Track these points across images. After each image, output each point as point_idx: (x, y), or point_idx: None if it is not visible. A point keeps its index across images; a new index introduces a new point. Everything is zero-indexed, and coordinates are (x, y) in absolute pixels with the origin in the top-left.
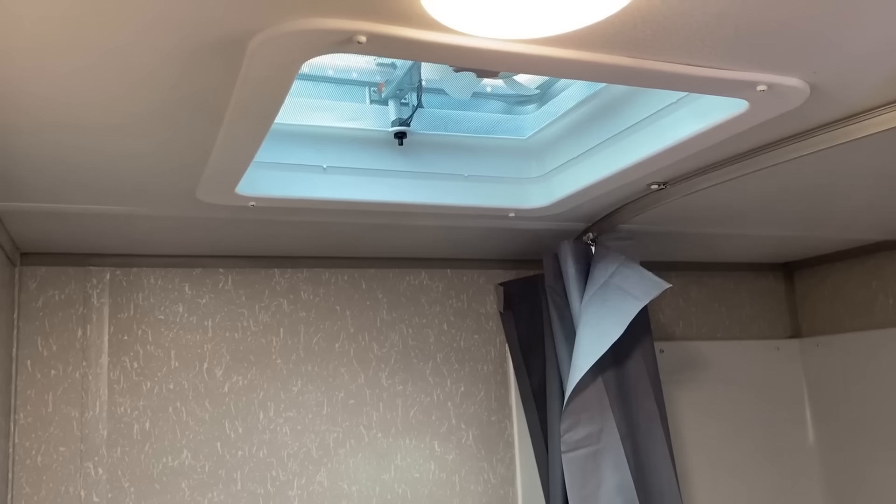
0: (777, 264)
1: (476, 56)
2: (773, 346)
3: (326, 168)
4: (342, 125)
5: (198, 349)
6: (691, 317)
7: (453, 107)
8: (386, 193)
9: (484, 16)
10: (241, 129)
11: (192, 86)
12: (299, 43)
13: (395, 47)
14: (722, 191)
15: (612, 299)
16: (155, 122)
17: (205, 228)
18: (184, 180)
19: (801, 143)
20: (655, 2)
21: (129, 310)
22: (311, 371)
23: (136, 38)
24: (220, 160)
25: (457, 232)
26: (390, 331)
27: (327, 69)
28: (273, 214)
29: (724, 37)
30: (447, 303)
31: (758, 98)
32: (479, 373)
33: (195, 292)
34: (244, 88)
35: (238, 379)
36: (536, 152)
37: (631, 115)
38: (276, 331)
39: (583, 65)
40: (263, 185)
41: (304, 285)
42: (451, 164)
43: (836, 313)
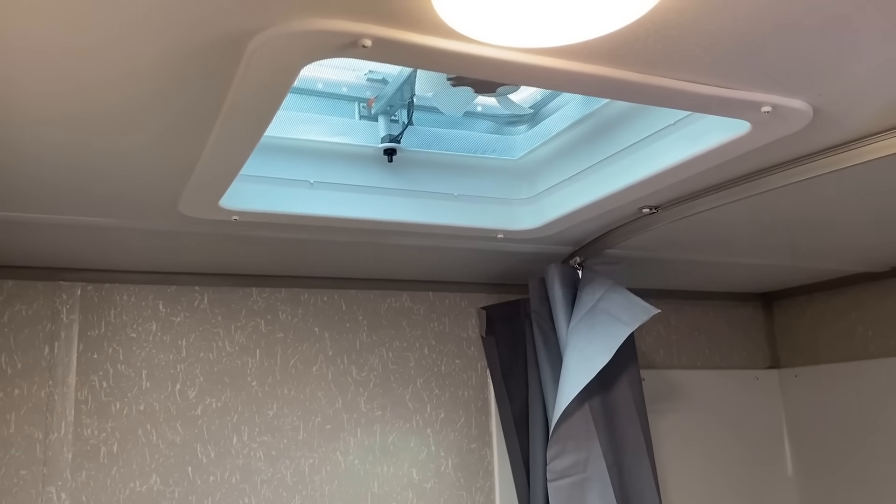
0: (756, 294)
1: (485, 66)
2: (752, 375)
3: (313, 183)
4: (330, 140)
5: (170, 369)
6: (672, 345)
7: (444, 125)
8: (374, 211)
9: (499, 23)
10: (233, 136)
11: (183, 86)
12: (301, 45)
13: (401, 53)
14: (711, 217)
15: (600, 324)
16: (139, 125)
17: (183, 244)
18: (166, 191)
19: (796, 168)
20: (671, 14)
21: (100, 327)
22: (288, 394)
23: (127, 30)
24: (207, 169)
25: (443, 253)
26: (370, 354)
27: (316, 82)
28: (256, 230)
29: (735, 55)
30: (428, 326)
31: (761, 120)
32: (460, 398)
33: (169, 310)
34: (240, 91)
35: (211, 401)
36: (527, 173)
37: (624, 138)
38: (252, 352)
39: (591, 79)
40: (247, 198)
41: (282, 305)
42: (441, 182)
43: (815, 344)
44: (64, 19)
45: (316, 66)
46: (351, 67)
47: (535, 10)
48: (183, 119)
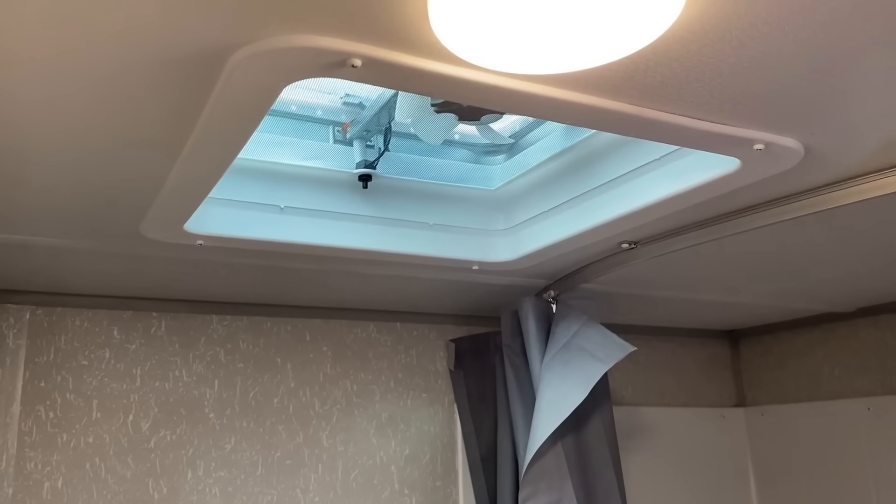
0: (722, 331)
1: (479, 92)
2: (719, 413)
3: (283, 208)
4: (302, 164)
5: (123, 399)
6: (640, 382)
7: (420, 152)
8: (346, 238)
9: (500, 48)
10: (204, 157)
11: (155, 102)
12: (286, 62)
13: (392, 75)
14: (688, 254)
15: (575, 361)
16: (103, 141)
17: (143, 268)
18: (128, 212)
19: (781, 208)
20: (675, 46)
21: (49, 353)
22: (247, 427)
23: (96, 40)
24: (174, 191)
25: (415, 283)
26: (334, 387)
27: (290, 104)
28: (221, 255)
29: (733, 91)
30: (395, 358)
31: (752, 157)
32: (426, 434)
33: (124, 337)
34: (215, 109)
35: (166, 433)
36: (504, 204)
37: (606, 172)
38: (210, 382)
39: (586, 109)
40: (214, 222)
41: (243, 334)
42: (416, 211)
43: (781, 383)
44: (22, 28)
45: (290, 87)
46: (327, 90)
47: (539, 36)
48: (152, 136)
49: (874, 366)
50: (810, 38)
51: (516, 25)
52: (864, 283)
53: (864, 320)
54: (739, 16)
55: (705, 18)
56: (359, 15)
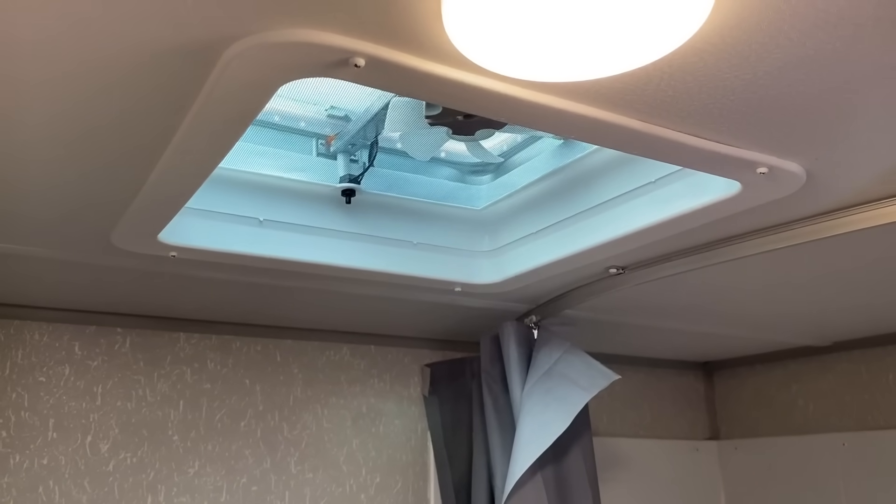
0: (697, 363)
1: (487, 99)
2: (693, 446)
3: (263, 221)
4: (284, 175)
5: (82, 419)
6: (615, 412)
7: (406, 169)
8: (327, 255)
9: (516, 53)
10: (187, 161)
11: (138, 98)
12: (284, 59)
13: (397, 78)
14: (671, 281)
15: (557, 389)
16: (80, 140)
17: (110, 280)
18: (100, 219)
19: (776, 235)
20: (692, 58)
21: (5, 368)
22: (212, 451)
23: (72, 26)
24: (152, 196)
25: (395, 304)
26: (304, 411)
27: (273, 114)
28: (195, 269)
29: (744, 109)
30: (368, 382)
31: (753, 181)
32: (397, 462)
33: (86, 353)
34: (205, 108)
35: (126, 456)
36: (490, 225)
37: (597, 195)
38: (175, 403)
39: (594, 123)
40: (189, 233)
41: (211, 353)
42: (400, 229)
43: (756, 416)
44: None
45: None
46: (311, 101)
47: (558, 41)
48: (132, 136)
49: (850, 401)
50: (830, 54)
51: (535, 30)
52: (840, 316)
53: (840, 354)
54: (762, 28)
55: (727, 30)
56: (365, 11)
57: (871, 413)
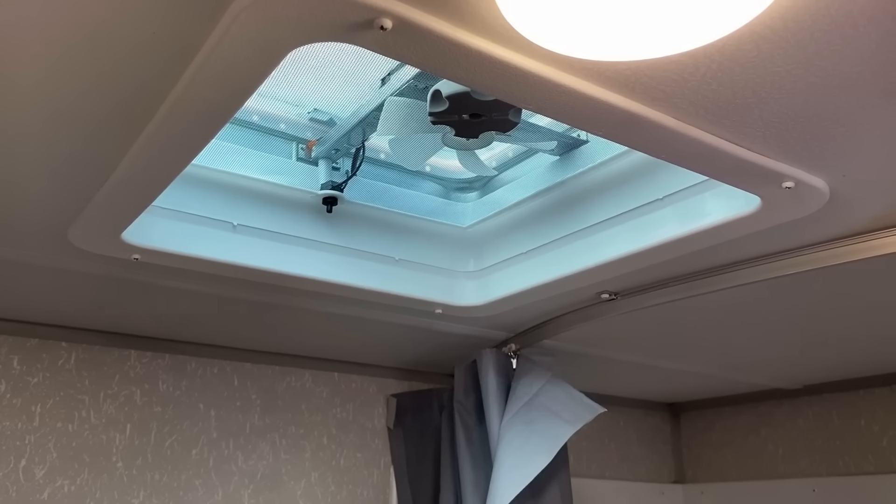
0: (664, 404)
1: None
2: (658, 489)
3: (236, 226)
4: (262, 178)
5: (16, 440)
6: (582, 452)
7: (390, 181)
8: (304, 266)
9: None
10: (166, 143)
11: (117, 59)
12: (299, 14)
13: (426, 47)
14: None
15: (539, 421)
16: (39, 114)
17: (63, 285)
18: (56, 213)
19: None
20: (745, 45)
21: None
22: (159, 480)
23: None
24: (117, 187)
25: (366, 325)
26: (261, 440)
27: (252, 113)
28: (158, 276)
29: (785, 110)
30: (330, 412)
31: (776, 196)
32: (358, 498)
33: (25, 368)
34: (200, 75)
35: (63, 483)
36: (475, 244)
37: (592, 215)
38: (121, 426)
39: (628, 117)
40: (155, 235)
41: (163, 374)
42: (382, 243)
43: (723, 460)
44: None
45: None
46: (293, 101)
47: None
48: (104, 107)
49: (820, 445)
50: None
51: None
52: (811, 358)
53: (811, 398)
54: (831, 13)
55: (793, 12)
56: None
57: (843, 458)
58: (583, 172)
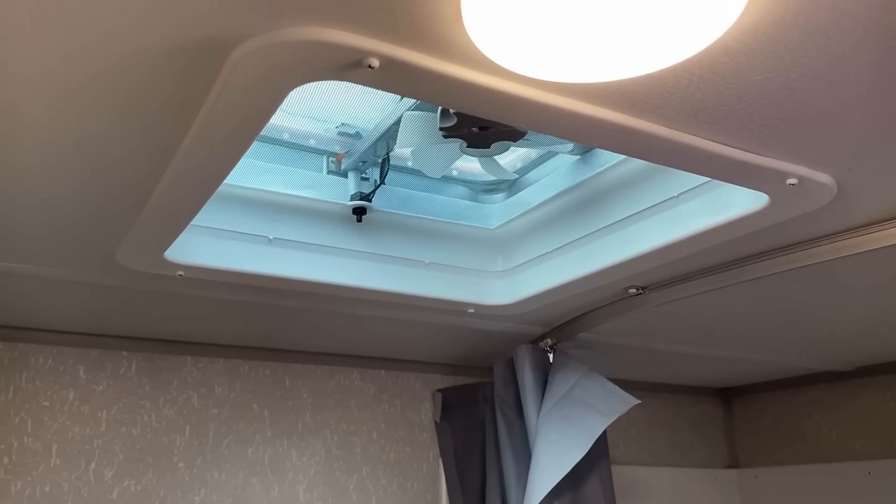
0: (715, 389)
1: (507, 103)
2: (712, 475)
3: (272, 240)
4: (294, 193)
5: (86, 445)
6: (633, 440)
7: (418, 187)
8: (338, 274)
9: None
10: (194, 172)
11: (141, 105)
12: (295, 59)
13: (413, 81)
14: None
15: (574, 414)
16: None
17: (115, 301)
18: (104, 238)
19: (802, 252)
20: (723, 58)
21: (8, 392)
22: (218, 479)
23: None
24: (158, 211)
25: (405, 326)
26: (313, 437)
27: (283, 132)
28: (202, 289)
29: (775, 116)
30: (379, 408)
31: (782, 193)
32: (409, 490)
33: (91, 377)
34: (212, 114)
35: (130, 483)
36: (503, 245)
37: (613, 213)
38: (181, 429)
39: (619, 130)
40: (197, 252)
41: (218, 378)
42: (412, 248)
43: (776, 444)
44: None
45: (283, 114)
46: (321, 118)
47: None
48: (135, 146)
49: (875, 428)
50: (869, 54)
51: (559, 28)
52: (864, 341)
53: (864, 380)
54: (799, 25)
55: (762, 27)
56: (379, 7)
57: None
58: (603, 171)
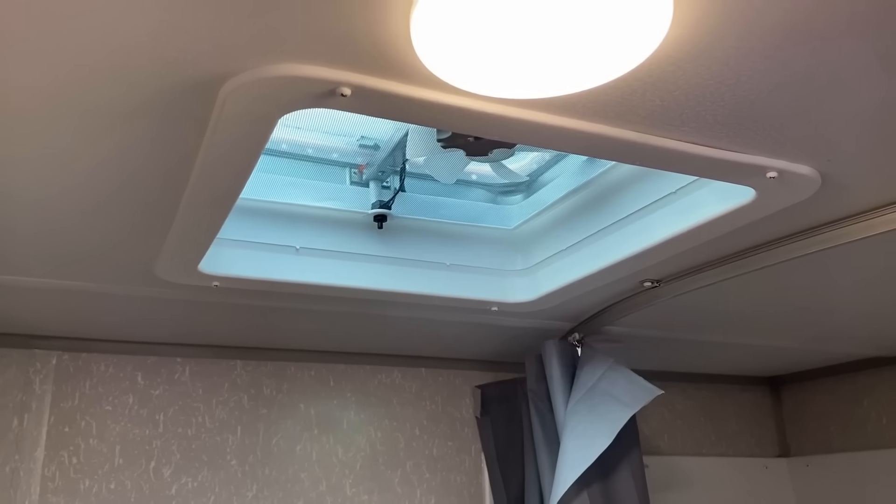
0: (763, 378)
1: (471, 119)
2: (761, 464)
3: (299, 249)
4: (318, 204)
5: (146, 445)
6: (676, 430)
7: (437, 193)
8: (362, 279)
9: (485, 71)
10: (207, 195)
11: (154, 140)
12: (276, 92)
13: (382, 104)
14: (715, 293)
15: (600, 406)
16: (110, 184)
17: (163, 311)
18: (141, 254)
19: (805, 241)
20: (669, 67)
21: (74, 398)
22: (269, 475)
23: (93, 79)
24: (182, 231)
25: (435, 326)
26: (357, 433)
27: (307, 147)
28: (238, 297)
29: (739, 116)
30: (420, 405)
31: (766, 186)
32: (452, 484)
33: (148, 382)
34: (213, 145)
35: (187, 480)
36: (522, 244)
37: (623, 208)
38: (233, 428)
39: (580, 135)
40: (229, 263)
41: (266, 380)
42: (433, 251)
43: (827, 432)
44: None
45: (306, 130)
46: (342, 133)
47: (521, 59)
48: (153, 175)
49: None
50: (810, 53)
51: (498, 48)
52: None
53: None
54: (733, 33)
55: (697, 37)
56: (343, 42)
57: None
58: (612, 167)
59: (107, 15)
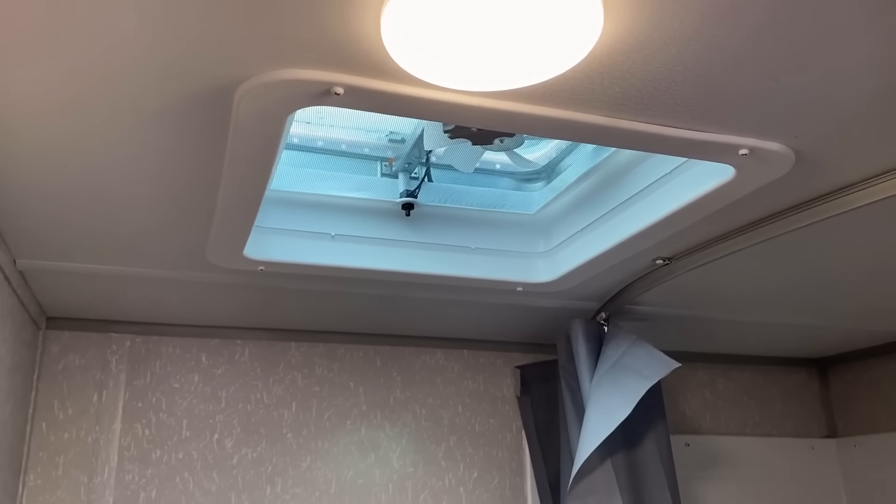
0: (810, 360)
1: (450, 111)
2: (808, 444)
3: (334, 236)
4: (350, 195)
5: (210, 419)
6: (719, 411)
7: (462, 182)
8: (391, 262)
9: (447, 66)
10: (239, 186)
11: (195, 140)
12: (281, 93)
13: (371, 100)
14: (738, 271)
15: (622, 379)
16: (160, 180)
17: (218, 294)
18: (193, 241)
19: (797, 215)
20: (618, 57)
21: (146, 377)
22: (322, 447)
23: (132, 92)
24: (224, 218)
25: (466, 307)
26: (403, 410)
27: (341, 143)
28: (282, 281)
29: (696, 98)
30: (463, 384)
31: (743, 163)
32: (494, 459)
33: (211, 362)
34: (236, 140)
35: (247, 451)
36: (544, 227)
37: (629, 188)
38: (288, 404)
39: (553, 121)
40: (272, 249)
41: (318, 360)
42: (458, 236)
43: (874, 412)
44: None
45: (340, 128)
46: (373, 129)
47: (477, 55)
48: (196, 171)
49: None
50: (745, 37)
51: (457, 47)
52: None
53: None
54: (666, 24)
55: (635, 30)
56: (333, 48)
57: None
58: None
59: (161, 34)
